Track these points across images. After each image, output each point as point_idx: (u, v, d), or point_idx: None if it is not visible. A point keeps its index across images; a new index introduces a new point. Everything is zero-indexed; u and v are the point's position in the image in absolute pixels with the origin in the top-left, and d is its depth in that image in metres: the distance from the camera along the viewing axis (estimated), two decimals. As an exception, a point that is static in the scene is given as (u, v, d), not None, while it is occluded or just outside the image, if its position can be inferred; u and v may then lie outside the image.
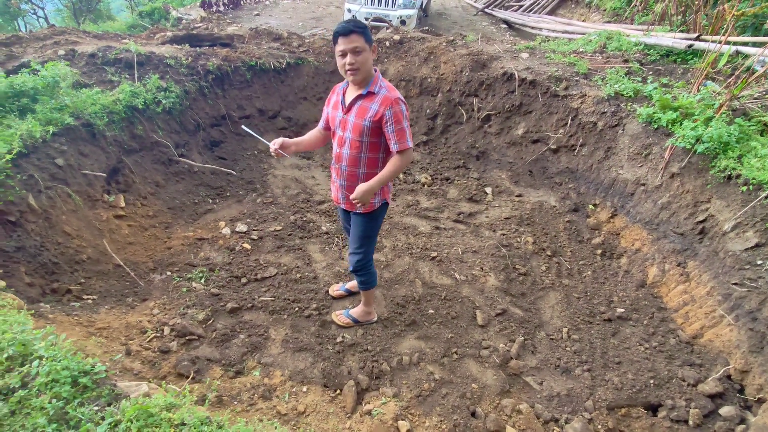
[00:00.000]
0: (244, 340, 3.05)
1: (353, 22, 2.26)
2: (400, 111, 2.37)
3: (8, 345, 1.68)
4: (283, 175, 4.95)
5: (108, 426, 1.44)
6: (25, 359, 1.69)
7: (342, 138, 2.53)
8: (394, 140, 2.40)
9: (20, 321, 1.81)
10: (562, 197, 4.77)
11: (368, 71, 2.36)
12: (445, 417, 2.63)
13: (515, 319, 3.36)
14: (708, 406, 2.78)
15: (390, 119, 2.35)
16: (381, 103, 2.36)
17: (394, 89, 2.44)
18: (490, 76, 5.42)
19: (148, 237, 3.93)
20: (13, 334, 1.69)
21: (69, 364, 1.58)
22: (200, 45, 5.24)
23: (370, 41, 2.31)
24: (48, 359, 1.57)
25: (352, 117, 2.45)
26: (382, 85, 2.41)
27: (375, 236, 2.85)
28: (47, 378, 1.54)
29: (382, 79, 2.46)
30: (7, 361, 1.66)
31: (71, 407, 1.50)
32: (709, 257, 3.44)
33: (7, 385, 1.57)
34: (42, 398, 1.50)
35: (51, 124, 3.52)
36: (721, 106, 3.92)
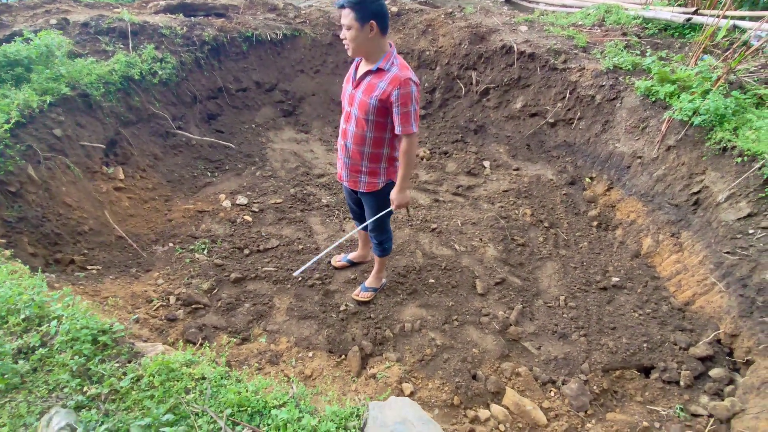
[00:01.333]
0: (249, 308, 3.11)
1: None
2: (409, 93, 2.22)
3: (25, 306, 1.71)
4: (281, 149, 4.93)
5: (131, 380, 1.49)
6: (41, 320, 1.72)
7: (349, 114, 2.46)
8: (398, 123, 2.31)
9: (35, 284, 1.83)
10: (559, 171, 4.82)
11: (364, 48, 2.23)
12: (447, 380, 2.72)
13: (514, 288, 3.44)
14: (698, 368, 2.91)
15: (397, 100, 2.23)
16: (390, 82, 2.23)
17: (407, 68, 2.28)
18: (489, 49, 5.38)
19: (149, 209, 3.93)
20: (29, 295, 1.71)
21: (88, 323, 1.61)
22: (194, 15, 5.12)
23: (364, 18, 2.11)
24: (68, 318, 1.60)
25: (360, 93, 2.34)
26: (395, 63, 2.26)
27: (389, 212, 2.82)
28: (67, 336, 1.57)
29: (396, 55, 2.30)
30: (24, 322, 1.70)
31: (92, 364, 1.55)
32: (702, 227, 3.53)
33: (27, 344, 1.61)
34: (63, 355, 1.54)
35: (47, 93, 3.46)
36: (719, 79, 3.95)
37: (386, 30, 2.23)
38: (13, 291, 1.77)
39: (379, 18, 2.14)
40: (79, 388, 1.47)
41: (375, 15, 2.13)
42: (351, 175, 2.65)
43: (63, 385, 1.48)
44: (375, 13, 2.12)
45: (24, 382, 1.51)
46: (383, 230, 2.90)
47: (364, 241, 3.38)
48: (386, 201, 2.70)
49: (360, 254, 3.46)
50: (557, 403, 2.70)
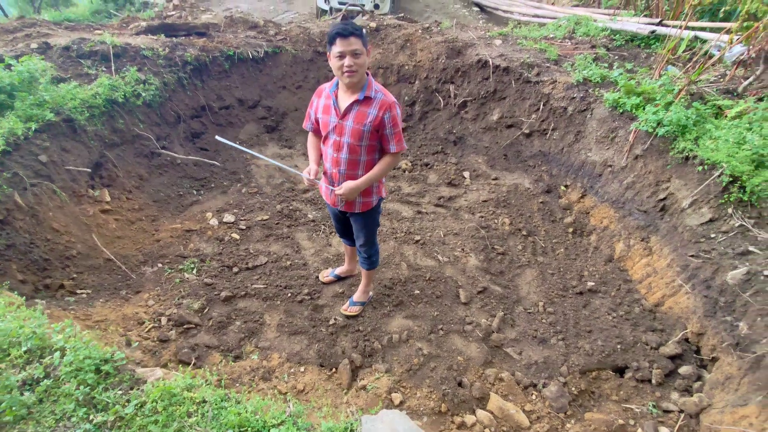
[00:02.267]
0: (240, 326, 3.18)
1: (351, 24, 2.27)
2: (397, 114, 2.44)
3: (26, 339, 1.78)
4: (266, 165, 5.02)
5: (135, 406, 1.57)
6: (43, 352, 1.79)
7: (339, 143, 2.53)
8: (392, 142, 2.48)
9: (36, 317, 1.89)
10: (535, 179, 5.02)
11: (364, 74, 2.38)
12: (434, 388, 2.84)
13: (495, 296, 3.59)
14: (669, 366, 3.10)
15: (389, 122, 2.42)
16: (379, 108, 2.40)
17: (389, 93, 2.48)
18: (466, 63, 5.57)
19: (136, 230, 3.97)
20: (30, 328, 1.78)
21: (90, 353, 1.69)
22: (176, 35, 5.18)
23: (367, 44, 2.33)
24: (71, 349, 1.68)
25: (350, 122, 2.44)
26: (377, 89, 2.43)
27: (377, 226, 3.01)
28: (71, 367, 1.65)
29: (375, 82, 2.47)
30: (26, 354, 1.76)
31: (97, 392, 1.63)
32: (669, 232, 3.75)
33: (31, 376, 1.67)
34: (68, 386, 1.62)
35: (32, 120, 3.49)
36: (680, 92, 4.19)
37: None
38: (14, 324, 1.83)
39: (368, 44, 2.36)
40: (85, 416, 1.55)
41: (368, 43, 2.35)
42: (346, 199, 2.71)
43: (70, 415, 1.56)
44: (367, 41, 2.35)
45: (31, 413, 1.58)
46: (372, 244, 3.02)
47: (351, 255, 3.49)
48: (377, 217, 2.87)
49: (347, 269, 3.58)
50: (539, 406, 2.85)
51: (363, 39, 2.28)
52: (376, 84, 2.46)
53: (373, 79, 2.47)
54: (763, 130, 3.59)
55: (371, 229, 2.93)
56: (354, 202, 2.72)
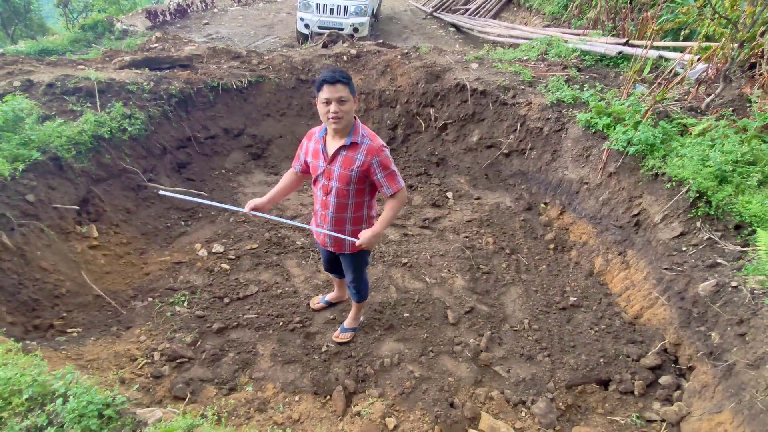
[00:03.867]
0: (234, 357, 3.22)
1: (339, 72, 2.29)
2: (386, 157, 2.46)
3: (27, 387, 1.81)
4: (253, 193, 5.08)
5: (139, 451, 1.62)
6: (44, 398, 1.82)
7: (327, 186, 2.57)
8: (385, 186, 2.50)
9: (36, 363, 1.93)
10: (516, 198, 5.19)
11: (350, 120, 2.41)
12: (427, 410, 2.92)
13: (482, 315, 3.70)
14: (650, 377, 3.24)
15: (377, 167, 2.44)
16: (367, 153, 2.42)
17: (376, 137, 2.49)
18: (444, 87, 5.77)
19: (125, 264, 3.98)
20: (31, 376, 1.82)
21: (92, 398, 1.74)
22: (160, 68, 5.26)
23: (354, 91, 2.36)
24: (75, 396, 1.72)
25: (338, 167, 2.48)
26: (364, 134, 2.46)
27: (366, 264, 3.06)
28: (74, 413, 1.69)
29: (363, 126, 2.50)
30: (27, 402, 1.79)
31: (100, 438, 1.67)
32: (644, 246, 3.93)
33: (35, 425, 1.71)
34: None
35: (18, 160, 3.52)
36: (647, 111, 4.44)
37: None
38: (14, 371, 1.86)
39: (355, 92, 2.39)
40: (90, 463, 1.59)
41: (355, 90, 2.39)
42: (336, 240, 2.78)
43: (74, 462, 1.60)
44: (355, 89, 2.38)
45: (35, 462, 1.61)
46: (360, 280, 3.09)
47: (340, 284, 3.56)
48: (366, 256, 2.95)
49: (337, 295, 3.65)
50: (528, 423, 2.95)
51: (350, 86, 2.32)
52: (364, 128, 2.49)
53: (360, 124, 2.49)
54: (724, 147, 3.83)
55: (360, 267, 2.99)
56: (343, 243, 2.77)
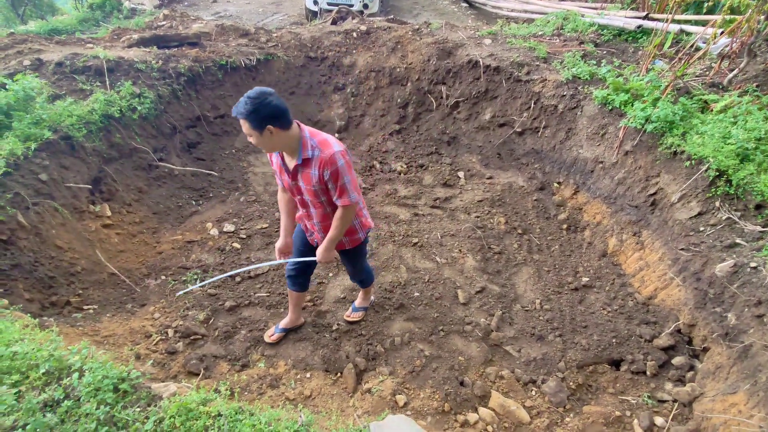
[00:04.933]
0: (246, 335, 3.26)
1: (242, 104, 2.01)
2: (337, 168, 2.21)
3: (44, 361, 1.85)
4: (263, 173, 5.07)
5: (153, 423, 1.65)
6: (61, 373, 1.86)
7: (303, 200, 2.48)
8: (336, 196, 2.34)
9: (52, 338, 1.96)
10: (529, 177, 5.11)
11: (275, 147, 2.19)
12: (437, 388, 2.94)
13: (493, 295, 3.69)
14: (662, 358, 3.20)
15: (330, 178, 2.25)
16: (319, 167, 2.22)
17: (328, 144, 2.22)
18: (456, 64, 5.63)
19: (138, 243, 4.03)
20: (48, 351, 1.85)
21: (108, 372, 1.76)
22: (168, 46, 5.21)
23: (260, 125, 2.03)
24: (89, 370, 1.75)
25: (302, 183, 2.35)
26: (314, 145, 2.21)
27: (365, 255, 2.95)
28: (90, 387, 1.72)
29: (311, 135, 2.22)
30: (44, 376, 1.83)
31: (116, 411, 1.70)
32: (659, 226, 3.85)
33: (52, 398, 1.74)
34: (88, 406, 1.69)
35: (30, 139, 3.54)
36: (667, 87, 4.29)
37: (288, 123, 2.12)
38: (31, 347, 1.90)
39: (275, 120, 2.04)
40: (107, 435, 1.62)
41: (270, 119, 2.02)
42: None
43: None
44: (269, 117, 2.02)
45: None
46: (362, 271, 3.03)
47: (296, 303, 3.17)
48: (364, 248, 2.84)
49: (292, 318, 3.24)
50: (538, 401, 2.96)
51: (251, 121, 2.02)
52: (313, 137, 2.23)
53: (308, 135, 2.22)
54: (747, 124, 3.69)
55: (361, 261, 2.93)
56: (342, 241, 2.66)
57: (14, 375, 1.80)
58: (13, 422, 1.64)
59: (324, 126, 5.86)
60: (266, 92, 2.04)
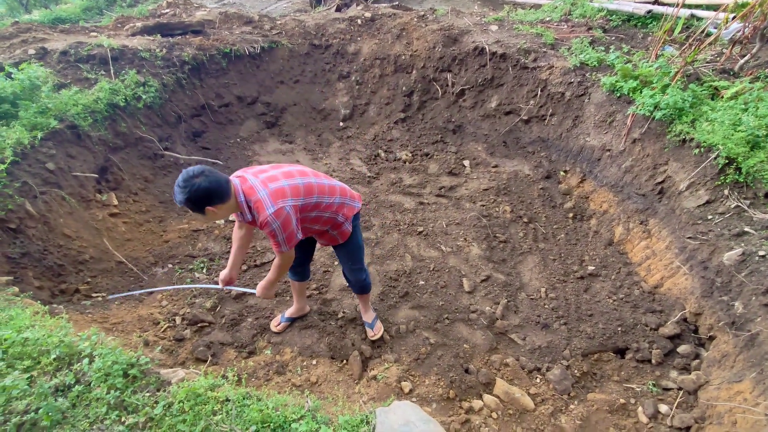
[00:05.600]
0: (252, 322, 3.29)
1: (177, 193, 2.00)
2: (273, 230, 2.19)
3: (54, 347, 1.87)
4: (268, 161, 5.07)
5: (163, 407, 1.67)
6: (72, 358, 1.89)
7: None
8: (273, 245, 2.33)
9: (62, 325, 1.99)
10: (535, 165, 5.07)
11: (225, 215, 2.19)
12: (442, 375, 2.96)
13: (498, 284, 3.69)
14: (668, 346, 3.20)
15: (270, 236, 2.26)
16: (260, 227, 2.21)
17: (261, 207, 2.15)
18: (462, 51, 5.57)
19: (145, 232, 4.06)
20: (58, 337, 1.88)
21: (117, 358, 1.79)
22: (172, 34, 5.19)
23: (200, 208, 2.04)
24: (99, 356, 1.78)
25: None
26: (250, 207, 2.19)
27: (362, 249, 2.88)
28: (100, 373, 1.75)
29: (247, 196, 2.17)
30: (55, 362, 1.86)
31: (126, 395, 1.73)
32: (667, 215, 3.82)
33: (63, 383, 1.77)
34: (99, 390, 1.72)
35: (37, 128, 3.55)
36: (677, 74, 4.21)
37: (226, 196, 2.08)
38: (41, 333, 1.93)
39: (211, 200, 2.04)
40: (117, 418, 1.65)
41: (206, 200, 2.02)
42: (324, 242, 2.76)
43: (103, 418, 1.66)
44: (205, 199, 2.02)
45: (66, 417, 1.68)
46: (362, 269, 2.93)
47: (300, 292, 3.18)
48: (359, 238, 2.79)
49: (298, 307, 3.26)
50: (543, 389, 2.97)
51: (190, 206, 2.03)
52: (249, 199, 2.18)
53: (242, 200, 2.17)
54: (758, 111, 3.63)
55: (358, 253, 2.85)
56: (332, 236, 2.66)
57: (26, 360, 1.84)
58: (26, 406, 1.67)
59: (329, 114, 5.84)
60: (192, 175, 1.99)
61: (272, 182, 2.23)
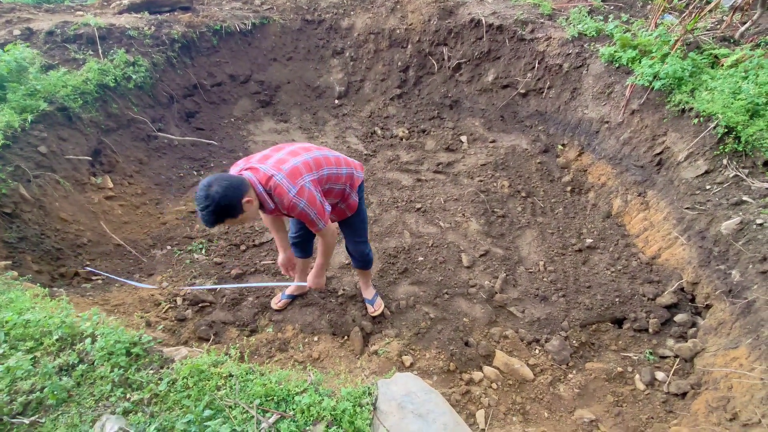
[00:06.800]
0: (253, 301, 3.30)
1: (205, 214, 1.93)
2: (300, 211, 2.16)
3: (56, 328, 1.88)
4: (263, 141, 5.02)
5: (167, 384, 1.69)
6: (74, 339, 1.89)
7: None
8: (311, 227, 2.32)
9: (62, 306, 1.99)
10: (533, 140, 5.03)
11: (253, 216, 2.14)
12: (442, 349, 2.99)
13: (497, 258, 3.70)
14: (665, 316, 3.24)
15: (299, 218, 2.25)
16: (284, 209, 2.18)
17: (284, 191, 2.09)
18: (458, 24, 5.45)
19: (141, 214, 4.04)
20: (59, 318, 1.88)
21: (120, 337, 1.80)
22: (159, 11, 5.05)
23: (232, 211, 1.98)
24: (102, 335, 1.79)
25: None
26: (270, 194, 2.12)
27: (366, 223, 2.87)
28: (103, 352, 1.76)
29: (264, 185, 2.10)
30: (58, 342, 1.87)
31: (130, 373, 1.74)
32: (665, 186, 3.82)
33: (66, 363, 1.79)
34: (103, 369, 1.73)
35: (26, 111, 3.49)
36: (676, 42, 4.15)
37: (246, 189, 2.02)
38: (42, 315, 1.93)
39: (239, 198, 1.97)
40: (123, 396, 1.67)
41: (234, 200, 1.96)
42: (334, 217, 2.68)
43: (108, 395, 1.68)
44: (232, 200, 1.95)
45: (71, 395, 1.70)
46: (366, 243, 2.92)
47: (302, 269, 3.14)
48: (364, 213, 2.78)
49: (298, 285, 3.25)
50: (542, 359, 3.02)
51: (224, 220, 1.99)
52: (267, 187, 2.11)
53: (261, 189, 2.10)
54: (758, 78, 3.59)
55: (362, 226, 2.84)
56: (341, 209, 2.63)
57: (28, 342, 1.85)
58: (31, 386, 1.68)
59: (324, 92, 5.75)
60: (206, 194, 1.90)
61: (283, 164, 2.17)
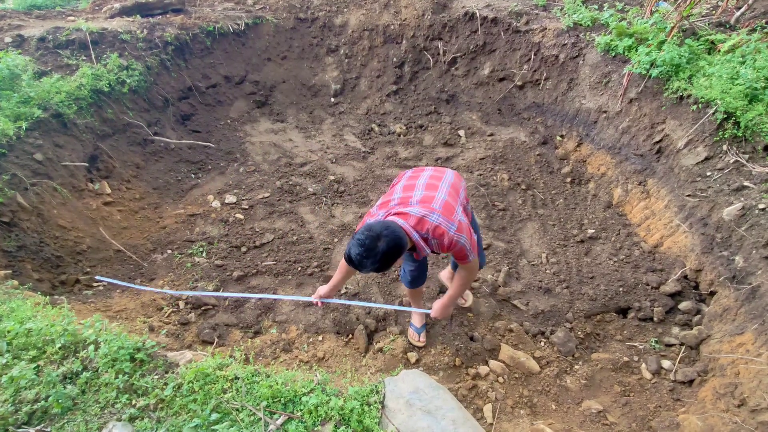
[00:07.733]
0: (256, 303, 3.29)
1: (367, 264, 1.88)
2: (460, 248, 2.09)
3: (59, 336, 1.86)
4: (260, 142, 4.99)
5: (173, 389, 1.68)
6: (77, 346, 1.88)
7: None
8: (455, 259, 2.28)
9: (64, 314, 1.97)
10: (531, 132, 5.01)
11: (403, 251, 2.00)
12: (447, 344, 2.98)
13: (499, 252, 3.69)
14: (669, 304, 3.24)
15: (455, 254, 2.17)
16: (442, 248, 2.12)
17: (443, 230, 2.03)
18: (452, 17, 5.42)
19: (141, 219, 4.01)
20: (61, 326, 1.86)
21: (123, 343, 1.78)
22: (151, 14, 5.01)
23: (390, 265, 1.94)
24: (105, 342, 1.77)
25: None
26: (427, 238, 2.06)
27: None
28: (107, 358, 1.74)
29: (421, 231, 2.03)
30: (61, 350, 1.85)
31: (135, 379, 1.73)
32: (665, 174, 3.80)
33: (70, 370, 1.77)
34: (107, 376, 1.72)
35: (20, 119, 3.46)
36: (672, 29, 4.12)
37: (405, 245, 1.96)
38: (44, 323, 1.91)
39: (399, 255, 1.93)
40: (128, 402, 1.65)
41: (396, 257, 1.92)
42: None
43: (113, 402, 1.66)
44: (395, 257, 1.91)
45: (76, 403, 1.68)
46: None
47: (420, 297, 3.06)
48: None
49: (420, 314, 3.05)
50: (547, 352, 3.01)
51: (383, 268, 1.93)
52: (424, 234, 2.06)
53: (416, 238, 2.03)
54: (756, 63, 3.57)
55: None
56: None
57: (31, 351, 1.83)
58: (36, 395, 1.67)
59: (319, 90, 5.72)
60: (372, 246, 1.85)
61: (431, 202, 2.11)
